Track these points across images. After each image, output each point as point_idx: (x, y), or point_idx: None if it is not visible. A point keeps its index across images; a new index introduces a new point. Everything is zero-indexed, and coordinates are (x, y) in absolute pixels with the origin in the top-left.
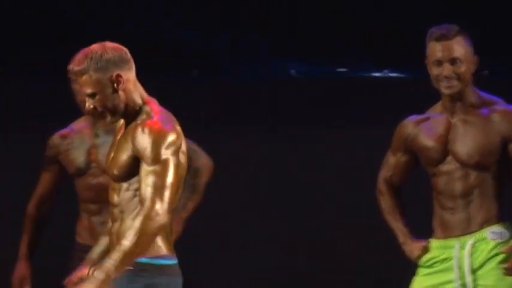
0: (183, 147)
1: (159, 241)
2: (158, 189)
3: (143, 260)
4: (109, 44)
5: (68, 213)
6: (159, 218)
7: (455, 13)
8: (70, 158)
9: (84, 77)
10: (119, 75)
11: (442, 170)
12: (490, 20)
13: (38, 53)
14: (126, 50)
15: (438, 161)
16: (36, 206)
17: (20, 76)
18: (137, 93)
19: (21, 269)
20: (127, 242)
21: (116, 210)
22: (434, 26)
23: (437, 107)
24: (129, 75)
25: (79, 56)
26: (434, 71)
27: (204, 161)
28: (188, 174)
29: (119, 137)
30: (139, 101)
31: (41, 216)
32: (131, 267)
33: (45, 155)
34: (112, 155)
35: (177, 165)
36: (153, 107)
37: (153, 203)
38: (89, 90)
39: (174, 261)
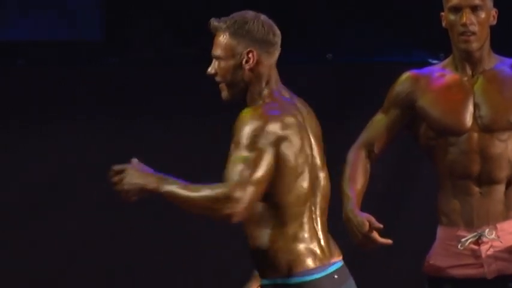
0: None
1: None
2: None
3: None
4: (263, 18)
5: None
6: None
7: None
8: None
9: (219, 36)
10: (250, 52)
11: None
12: None
13: None
14: (278, 32)
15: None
16: None
17: None
18: (265, 79)
19: None
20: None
21: None
22: None
23: None
24: (265, 58)
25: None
26: None
27: None
28: None
29: None
30: (262, 87)
31: None
32: None
33: None
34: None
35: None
36: (275, 94)
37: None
38: (217, 52)
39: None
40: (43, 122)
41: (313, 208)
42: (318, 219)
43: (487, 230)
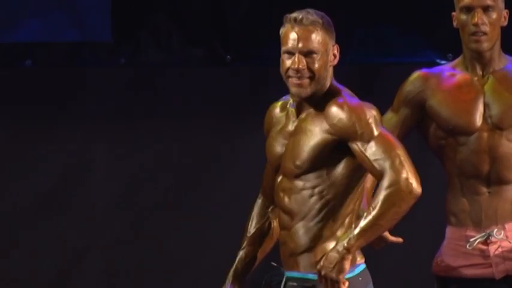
0: None
1: None
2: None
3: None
4: None
5: None
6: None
7: None
8: None
9: (310, 30)
10: (337, 47)
11: None
12: None
13: None
14: None
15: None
16: None
17: None
18: (330, 77)
19: None
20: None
21: (285, 216)
22: None
23: None
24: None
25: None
26: None
27: None
28: None
29: (294, 124)
30: (328, 84)
31: None
32: None
33: None
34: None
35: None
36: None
37: (399, 172)
38: (313, 47)
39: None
40: (51, 123)
41: (355, 210)
42: (354, 221)
43: (495, 230)
